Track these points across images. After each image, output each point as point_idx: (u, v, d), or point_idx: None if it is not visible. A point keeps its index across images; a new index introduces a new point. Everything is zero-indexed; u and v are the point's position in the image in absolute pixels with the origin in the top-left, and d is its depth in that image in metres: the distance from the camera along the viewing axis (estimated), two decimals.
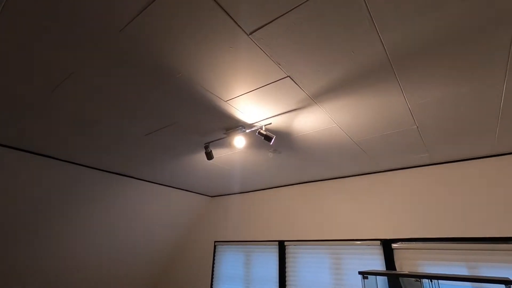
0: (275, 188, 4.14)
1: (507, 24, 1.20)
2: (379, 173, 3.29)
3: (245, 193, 4.51)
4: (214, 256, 4.49)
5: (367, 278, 2.58)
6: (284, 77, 1.60)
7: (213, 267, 4.42)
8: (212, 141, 2.47)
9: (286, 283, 3.57)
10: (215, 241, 4.57)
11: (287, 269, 3.64)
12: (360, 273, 2.55)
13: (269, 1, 1.13)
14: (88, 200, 3.41)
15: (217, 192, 4.59)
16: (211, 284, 4.32)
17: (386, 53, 1.40)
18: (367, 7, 1.14)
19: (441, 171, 2.89)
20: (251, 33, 1.30)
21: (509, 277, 2.28)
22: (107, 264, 4.06)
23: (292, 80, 1.62)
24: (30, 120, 2.13)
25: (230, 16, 1.21)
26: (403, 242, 2.91)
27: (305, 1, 1.12)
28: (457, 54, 1.39)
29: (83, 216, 3.46)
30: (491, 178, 2.61)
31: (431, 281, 2.28)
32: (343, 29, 1.26)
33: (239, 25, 1.25)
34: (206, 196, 4.85)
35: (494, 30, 1.24)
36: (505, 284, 1.96)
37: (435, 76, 1.57)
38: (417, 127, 2.17)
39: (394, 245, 2.95)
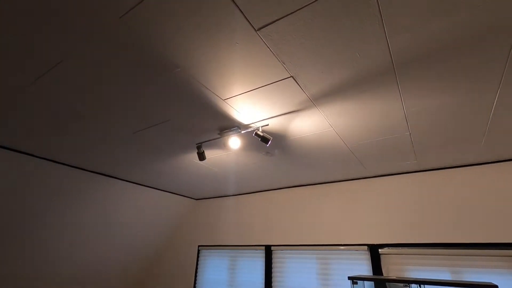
0: (263, 192, 4.09)
1: (507, 34, 1.23)
2: (368, 179, 3.33)
3: (231, 196, 4.42)
4: (197, 260, 4.36)
5: (356, 283, 2.58)
6: (287, 77, 1.57)
7: (196, 272, 4.29)
8: (204, 141, 2.38)
9: None
10: (199, 245, 4.44)
11: (273, 274, 3.58)
12: (349, 278, 2.54)
13: None
14: (70, 201, 3.19)
15: (202, 195, 4.47)
16: None
17: (391, 58, 1.40)
18: (379, 8, 1.13)
19: (428, 178, 2.96)
20: (259, 29, 1.25)
21: (493, 282, 2.35)
22: (79, 266, 3.82)
23: (295, 80, 1.59)
24: (8, 113, 1.96)
25: (240, 9, 1.15)
26: (390, 248, 2.94)
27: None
28: (457, 63, 1.42)
29: (63, 216, 3.23)
30: (476, 186, 2.71)
31: (420, 286, 2.31)
32: (352, 30, 1.24)
33: (248, 20, 1.20)
34: (191, 199, 4.72)
35: (494, 39, 1.27)
36: None
37: (434, 83, 1.59)
38: (410, 133, 2.21)
39: (381, 250, 2.98)
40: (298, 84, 1.63)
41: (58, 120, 2.08)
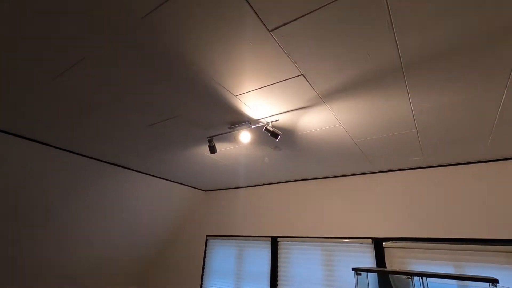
0: (270, 185, 4.18)
1: None
2: (374, 174, 3.38)
3: (239, 188, 4.53)
4: (205, 250, 4.50)
5: (360, 274, 2.67)
6: (298, 75, 1.63)
7: (204, 260, 4.44)
8: (216, 135, 2.47)
9: (278, 278, 3.63)
10: (207, 235, 4.58)
11: (279, 265, 3.69)
12: (353, 269, 2.63)
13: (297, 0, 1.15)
14: (86, 190, 3.34)
15: (211, 186, 4.59)
16: (202, 278, 4.33)
17: (400, 58, 1.44)
18: (389, 11, 1.18)
19: (434, 174, 3.01)
20: (272, 30, 1.31)
21: (494, 277, 2.41)
22: (98, 254, 4.00)
23: (305, 78, 1.65)
24: (31, 105, 2.07)
25: (255, 11, 1.21)
26: (394, 241, 3.01)
27: (333, 1, 1.15)
28: (465, 63, 1.46)
29: (80, 204, 3.39)
30: (481, 183, 2.74)
31: (422, 279, 2.38)
32: (363, 31, 1.29)
33: (262, 21, 1.26)
34: (200, 190, 4.84)
35: (503, 39, 1.30)
36: (491, 283, 2.07)
37: (442, 83, 1.63)
38: (417, 130, 2.25)
39: (385, 244, 3.05)
40: (308, 81, 1.68)
41: (77, 113, 2.18)
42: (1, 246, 3.08)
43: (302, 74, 1.62)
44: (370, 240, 3.14)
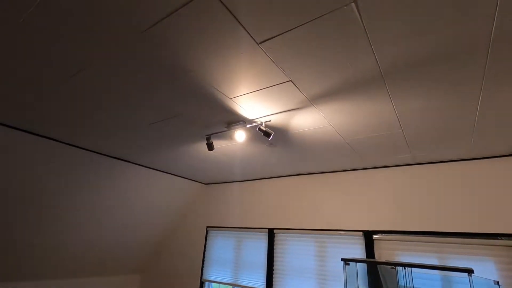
0: (267, 179, 4.35)
1: (483, 47, 1.39)
2: (365, 170, 3.53)
3: (238, 182, 4.71)
4: (206, 240, 4.71)
5: (348, 264, 2.84)
6: (287, 81, 1.77)
7: (204, 250, 4.65)
8: (213, 133, 2.62)
9: (274, 267, 3.82)
10: (207, 226, 4.78)
11: (275, 255, 3.89)
12: (342, 259, 2.80)
13: (279, 17, 1.28)
14: (92, 183, 3.53)
15: (211, 180, 4.77)
16: (202, 266, 4.55)
17: (379, 67, 1.57)
18: (364, 28, 1.31)
19: (421, 171, 3.15)
20: (261, 43, 1.45)
21: (473, 268, 2.57)
22: (104, 243, 4.22)
23: (294, 84, 1.79)
24: (43, 104, 2.23)
25: (244, 27, 1.35)
26: (383, 234, 3.18)
27: (311, 20, 1.28)
28: (441, 71, 1.58)
29: (86, 197, 3.59)
30: (465, 179, 2.88)
31: (405, 269, 2.55)
32: (342, 45, 1.42)
33: (251, 35, 1.40)
34: (200, 184, 5.03)
35: (473, 52, 1.42)
36: (468, 273, 2.23)
37: (421, 88, 1.76)
38: (402, 130, 2.38)
39: (375, 236, 3.22)
40: (296, 86, 1.82)
41: (85, 112, 2.34)
42: (14, 233, 3.30)
43: (290, 80, 1.76)
44: (361, 233, 3.31)
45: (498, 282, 2.07)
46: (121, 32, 1.42)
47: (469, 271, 2.21)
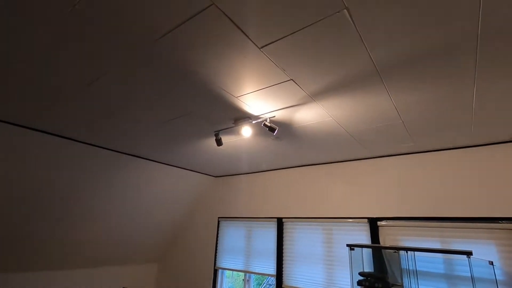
0: (275, 170, 4.50)
1: (471, 42, 1.48)
2: (369, 159, 3.63)
3: (247, 174, 4.88)
4: (218, 230, 4.94)
5: (353, 249, 2.99)
6: (288, 80, 1.89)
7: (217, 240, 4.88)
8: (221, 129, 2.77)
9: (283, 255, 4.01)
10: (218, 217, 5.00)
11: (284, 243, 4.07)
12: (347, 245, 2.95)
13: (278, 24, 1.40)
14: (109, 179, 3.76)
15: (221, 172, 4.95)
16: (215, 255, 4.79)
17: (374, 65, 1.68)
18: (357, 31, 1.41)
19: (423, 159, 3.23)
20: (262, 47, 1.57)
21: (473, 251, 2.68)
22: (123, 235, 4.49)
23: (295, 82, 1.91)
24: (63, 107, 2.42)
25: (246, 35, 1.47)
26: (387, 220, 3.30)
27: (307, 26, 1.39)
28: (434, 66, 1.67)
29: (100, 192, 3.83)
30: (466, 166, 2.96)
31: (407, 253, 2.68)
32: (337, 46, 1.53)
33: (252, 41, 1.52)
34: (210, 176, 5.22)
35: (462, 47, 1.51)
36: (467, 255, 2.35)
37: (416, 82, 1.85)
38: (403, 122, 2.48)
39: (379, 223, 3.34)
40: (297, 84, 1.94)
41: (104, 114, 2.52)
42: (42, 228, 3.57)
43: (291, 79, 1.88)
44: (366, 220, 3.44)
45: (492, 262, 2.18)
46: (137, 41, 1.56)
47: (468, 253, 2.33)
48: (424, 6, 1.25)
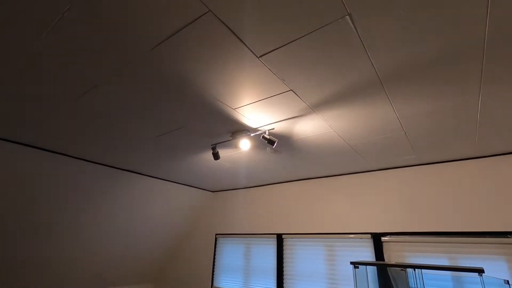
0: (274, 184, 4.38)
1: (478, 50, 1.42)
2: (371, 172, 3.54)
3: (245, 189, 4.74)
4: (215, 247, 4.75)
5: (358, 267, 2.85)
6: (287, 91, 1.82)
7: (214, 258, 4.68)
8: (218, 143, 2.68)
9: (284, 273, 3.84)
10: (216, 234, 4.82)
11: (284, 260, 3.90)
12: (351, 263, 2.81)
13: (277, 32, 1.34)
14: (103, 194, 3.61)
15: (218, 187, 4.82)
16: (212, 274, 4.58)
17: (377, 74, 1.61)
18: (360, 38, 1.35)
19: (427, 171, 3.15)
20: (260, 56, 1.50)
21: (483, 267, 2.55)
22: (116, 254, 4.29)
23: (294, 93, 1.84)
24: (54, 121, 2.32)
25: (244, 43, 1.41)
26: (391, 236, 3.17)
27: (308, 34, 1.33)
28: (438, 74, 1.61)
29: (97, 207, 3.67)
30: (471, 178, 2.88)
31: (415, 270, 2.55)
32: (339, 55, 1.47)
33: (250, 50, 1.46)
34: (207, 191, 5.08)
35: (468, 56, 1.46)
36: (478, 273, 2.22)
37: (420, 92, 1.79)
38: (405, 133, 2.41)
39: (383, 238, 3.21)
40: (297, 95, 1.87)
41: (95, 128, 2.43)
42: (27, 248, 3.39)
43: (291, 90, 1.81)
44: (369, 235, 3.31)
45: (508, 282, 2.05)
46: (129, 51, 1.49)
47: (480, 271, 2.20)
48: (430, 11, 1.20)
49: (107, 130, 2.48)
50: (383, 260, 3.12)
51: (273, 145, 2.26)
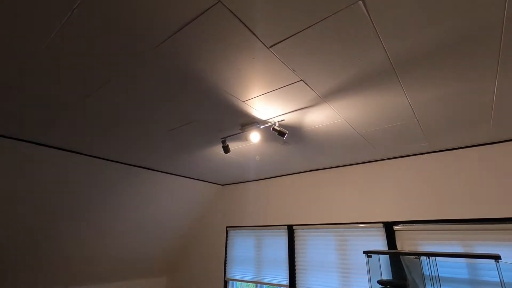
0: (284, 176, 4.39)
1: (496, 33, 1.38)
2: (382, 161, 3.50)
3: (255, 181, 4.76)
4: (226, 240, 4.80)
5: (371, 257, 2.85)
6: (298, 81, 1.80)
7: (226, 250, 4.74)
8: (228, 136, 2.68)
9: (296, 263, 3.86)
10: (227, 226, 4.87)
11: (296, 251, 3.92)
12: (364, 252, 2.81)
13: (288, 21, 1.31)
14: (119, 191, 3.67)
15: (228, 180, 4.84)
16: (225, 266, 4.65)
17: (390, 60, 1.58)
18: (373, 24, 1.32)
19: (440, 158, 3.10)
20: (271, 46, 1.48)
21: (501, 254, 2.53)
22: (131, 247, 4.38)
23: (305, 83, 1.82)
24: (66, 120, 2.35)
25: (254, 34, 1.39)
26: (404, 224, 3.16)
27: (319, 21, 1.31)
28: (454, 60, 1.57)
29: (113, 204, 3.74)
30: (485, 164, 2.82)
31: (429, 258, 2.54)
32: (351, 42, 1.44)
33: (261, 40, 1.44)
34: (218, 185, 5.12)
35: (485, 38, 1.41)
36: (494, 259, 2.21)
37: (434, 77, 1.75)
38: (417, 120, 2.37)
39: (395, 227, 3.20)
40: (308, 85, 1.85)
41: (107, 125, 2.45)
42: (50, 245, 3.48)
43: (301, 80, 1.79)
44: (381, 224, 3.30)
45: None
46: (137, 48, 1.49)
47: (496, 257, 2.19)
48: None
49: (117, 127, 2.50)
50: (396, 249, 3.12)
51: (284, 137, 2.25)
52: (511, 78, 1.75)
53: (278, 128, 2.24)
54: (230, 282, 4.59)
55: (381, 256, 3.00)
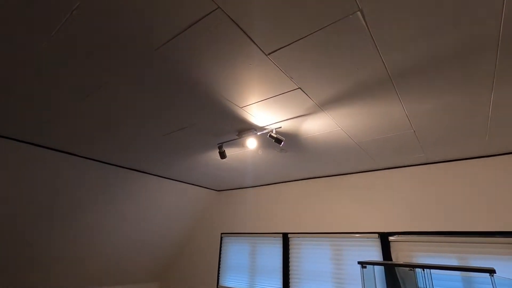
0: (280, 183, 4.36)
1: (492, 46, 1.39)
2: (378, 171, 3.50)
3: (251, 188, 4.73)
4: (221, 247, 4.75)
5: (365, 267, 2.82)
6: (295, 89, 1.80)
7: (219, 257, 4.68)
8: (225, 142, 2.67)
9: (290, 272, 3.82)
10: (221, 233, 4.82)
11: (290, 260, 3.88)
12: (359, 262, 2.78)
13: (286, 29, 1.32)
14: (112, 193, 3.63)
15: (224, 186, 4.81)
16: (218, 273, 4.58)
17: (387, 71, 1.59)
18: (370, 34, 1.33)
19: (436, 170, 3.10)
20: (269, 54, 1.49)
21: (494, 267, 2.51)
22: (122, 253, 4.31)
23: (303, 91, 1.82)
24: (61, 121, 2.33)
25: (252, 40, 1.40)
26: (399, 235, 3.14)
27: (318, 30, 1.31)
28: (450, 72, 1.58)
29: (107, 206, 3.69)
30: (481, 177, 2.83)
31: (424, 270, 2.51)
32: (349, 52, 1.45)
33: (259, 47, 1.44)
34: (213, 191, 5.08)
35: (482, 51, 1.42)
36: (489, 273, 2.19)
37: (431, 89, 1.76)
38: (414, 131, 2.37)
39: (391, 238, 3.18)
40: (305, 93, 1.85)
41: (103, 128, 2.43)
42: (38, 247, 3.42)
43: (299, 88, 1.79)
44: (377, 235, 3.27)
45: None
46: (137, 50, 1.48)
47: (491, 271, 2.17)
48: (443, 6, 1.17)
49: (113, 130, 2.48)
50: (391, 260, 3.09)
51: (280, 144, 2.25)
52: (507, 91, 1.77)
53: (275, 135, 2.23)
54: None
55: (376, 267, 2.97)
